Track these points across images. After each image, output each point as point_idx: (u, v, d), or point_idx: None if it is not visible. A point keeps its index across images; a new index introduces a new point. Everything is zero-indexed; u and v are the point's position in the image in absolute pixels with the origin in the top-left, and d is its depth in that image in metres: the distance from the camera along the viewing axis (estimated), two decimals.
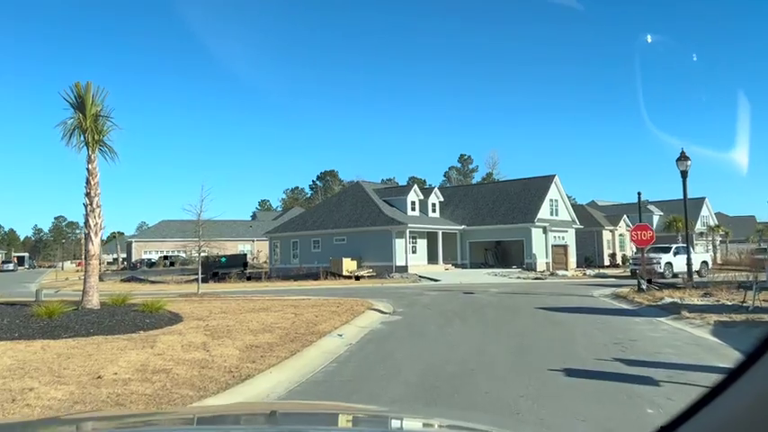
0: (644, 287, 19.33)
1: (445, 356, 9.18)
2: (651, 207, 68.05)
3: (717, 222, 67.67)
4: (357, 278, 37.33)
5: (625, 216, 59.98)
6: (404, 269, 42.67)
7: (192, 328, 12.28)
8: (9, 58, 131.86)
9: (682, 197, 66.68)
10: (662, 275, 33.03)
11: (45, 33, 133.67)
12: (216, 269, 50.45)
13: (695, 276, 35.57)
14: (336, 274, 38.38)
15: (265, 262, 61.22)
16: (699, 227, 63.22)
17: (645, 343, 10.15)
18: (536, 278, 34.84)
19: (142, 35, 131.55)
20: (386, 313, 16.46)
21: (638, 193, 20.41)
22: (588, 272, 39.78)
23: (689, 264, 21.41)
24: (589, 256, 54.74)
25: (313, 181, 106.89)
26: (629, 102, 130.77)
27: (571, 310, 15.96)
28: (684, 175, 19.96)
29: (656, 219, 67.29)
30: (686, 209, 20.08)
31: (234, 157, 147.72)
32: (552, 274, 38.07)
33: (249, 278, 43.45)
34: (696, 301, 16.34)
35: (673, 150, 20.09)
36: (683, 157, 19.94)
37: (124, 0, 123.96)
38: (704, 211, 69.34)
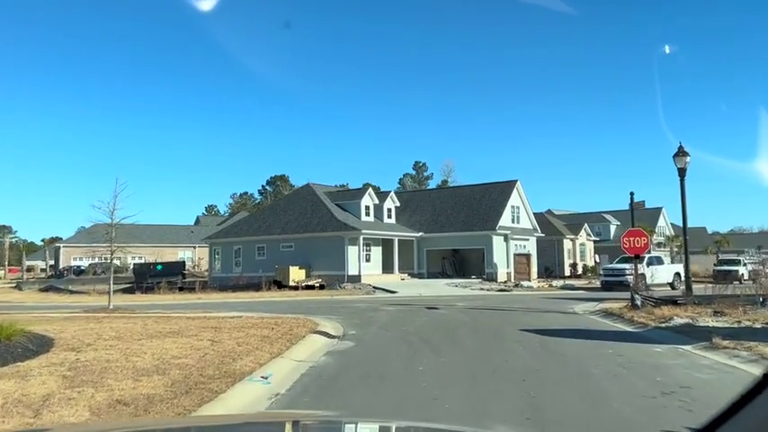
0: (638, 303, 16.43)
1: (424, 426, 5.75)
2: (608, 217, 66.75)
3: (673, 233, 66.88)
4: (304, 289, 33.56)
5: (586, 225, 58.20)
6: (357, 279, 39.20)
7: (48, 367, 8.47)
8: None
9: (643, 207, 64.37)
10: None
11: None
12: (150, 277, 45.79)
13: (667, 289, 33.61)
14: (281, 284, 34.48)
15: (207, 270, 56.66)
16: (656, 237, 61.99)
17: (705, 392, 6.99)
18: (501, 290, 31.93)
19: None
20: (334, 337, 12.92)
21: (631, 194, 17.72)
22: (554, 283, 37.19)
23: (687, 276, 18.65)
24: (550, 266, 52.51)
25: (263, 186, 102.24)
26: (589, 109, 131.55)
27: (565, 334, 12.82)
28: (682, 173, 17.23)
29: (612, 228, 65.98)
30: (685, 212, 17.33)
31: (180, 159, 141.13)
32: (517, 285, 35.29)
33: (181, 288, 38.99)
34: (711, 321, 13.48)
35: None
36: (681, 153, 17.22)
37: None
38: (661, 222, 68.55)
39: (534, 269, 44.37)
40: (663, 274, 32.21)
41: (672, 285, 32.35)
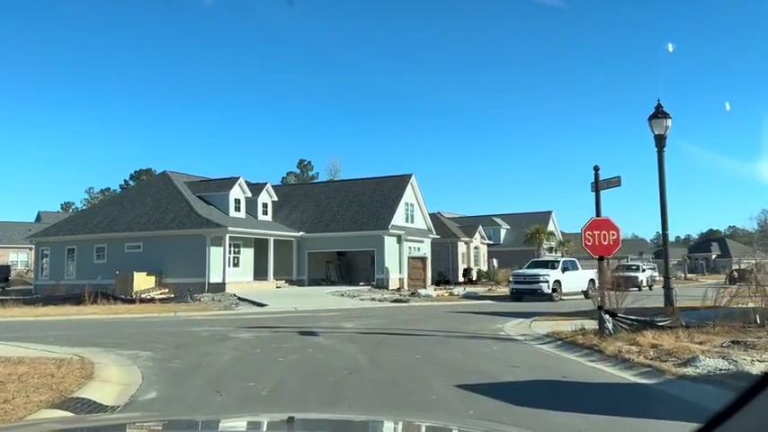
0: (609, 326, 11.20)
1: None
2: (497, 220, 63.99)
3: (561, 238, 65.27)
4: (145, 301, 25.80)
5: (480, 227, 54.57)
6: (221, 287, 31.98)
7: None
8: None
9: (531, 211, 60.39)
10: (550, 298, 26.22)
11: None
12: None
13: (581, 298, 29.63)
14: (114, 296, 26.33)
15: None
16: (546, 242, 59.65)
17: None
18: (396, 300, 26.28)
19: None
20: (105, 407, 6.31)
21: (595, 168, 12.29)
22: (454, 291, 32.17)
23: (668, 287, 13.76)
24: (443, 271, 48.00)
25: (125, 180, 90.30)
26: (481, 112, 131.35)
27: (538, 398, 7.06)
28: (661, 142, 12.33)
29: (503, 232, 63.27)
30: (664, 199, 12.41)
31: (28, 153, 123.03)
32: (413, 293, 29.86)
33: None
34: (743, 355, 8.42)
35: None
36: (659, 115, 12.31)
37: None
38: (550, 226, 66.79)
39: (429, 274, 39.41)
40: (577, 280, 28.18)
41: (586, 294, 28.42)
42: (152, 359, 10.09)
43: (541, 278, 25.97)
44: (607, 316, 11.32)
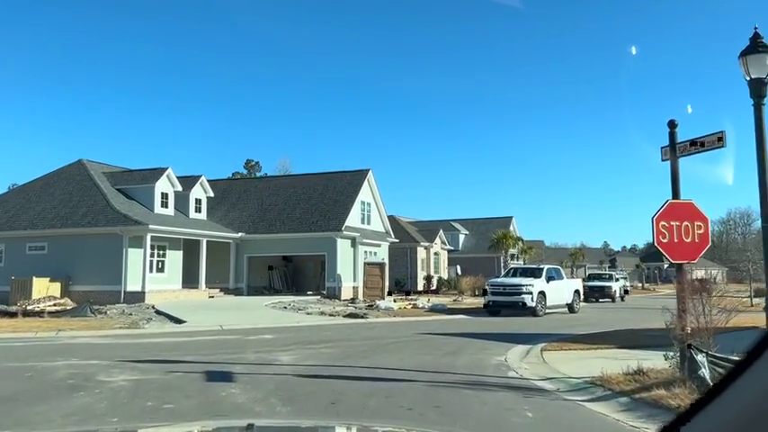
0: (705, 373, 6.88)
1: None
2: (456, 225, 60.12)
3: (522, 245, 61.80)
4: (28, 315, 20.13)
5: (441, 232, 50.44)
6: (139, 297, 26.60)
7: None
8: None
9: (491, 216, 55.68)
10: (534, 312, 22.06)
11: None
12: None
13: (564, 311, 25.51)
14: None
15: None
16: (511, 249, 55.94)
17: None
18: (351, 315, 21.53)
19: None
20: None
21: (671, 124, 7.95)
22: (418, 302, 27.64)
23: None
24: (401, 279, 43.57)
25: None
26: (438, 113, 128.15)
27: None
28: (760, 89, 8.15)
29: (461, 238, 59.33)
30: (765, 165, 8.18)
31: None
32: (371, 305, 25.19)
33: None
34: None
35: None
36: (759, 48, 8.16)
37: None
38: (511, 232, 63.35)
39: (386, 283, 34.84)
40: (562, 291, 24.16)
41: (570, 307, 24.45)
42: None
43: (524, 289, 21.76)
44: (701, 357, 6.98)
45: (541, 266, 24.85)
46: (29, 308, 20.57)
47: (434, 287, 44.17)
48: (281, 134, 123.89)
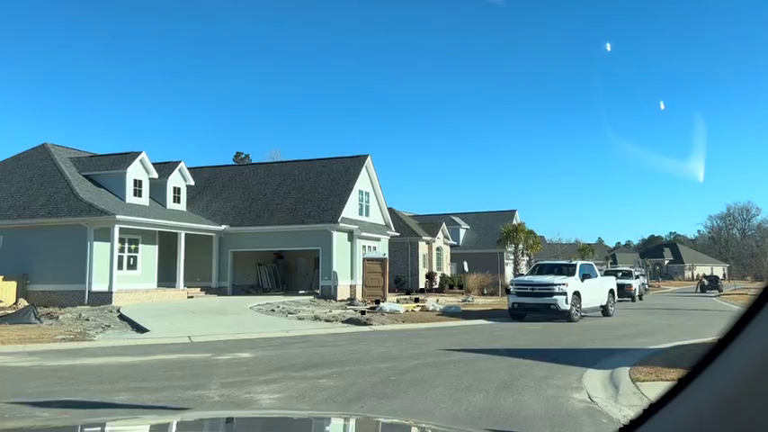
0: None
1: None
2: (456, 219, 56.75)
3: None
4: None
5: (444, 225, 47.03)
6: (106, 298, 23.13)
7: None
8: None
9: (491, 210, 50.62)
10: (568, 316, 18.66)
11: None
12: None
13: (598, 316, 21.97)
14: None
15: None
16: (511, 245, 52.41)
17: None
18: (351, 320, 18.04)
19: None
20: None
21: None
22: (428, 303, 24.16)
23: None
24: (401, 276, 40.21)
25: None
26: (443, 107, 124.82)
27: None
28: None
29: (462, 232, 55.96)
30: None
31: None
32: (374, 308, 21.70)
33: None
34: None
35: None
36: None
37: None
38: (522, 225, 59.86)
39: (387, 281, 31.39)
40: (597, 292, 20.78)
41: (605, 310, 21.10)
42: None
43: (557, 289, 18.36)
44: None
45: (573, 262, 21.46)
46: None
47: (437, 285, 40.80)
48: (274, 126, 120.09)
